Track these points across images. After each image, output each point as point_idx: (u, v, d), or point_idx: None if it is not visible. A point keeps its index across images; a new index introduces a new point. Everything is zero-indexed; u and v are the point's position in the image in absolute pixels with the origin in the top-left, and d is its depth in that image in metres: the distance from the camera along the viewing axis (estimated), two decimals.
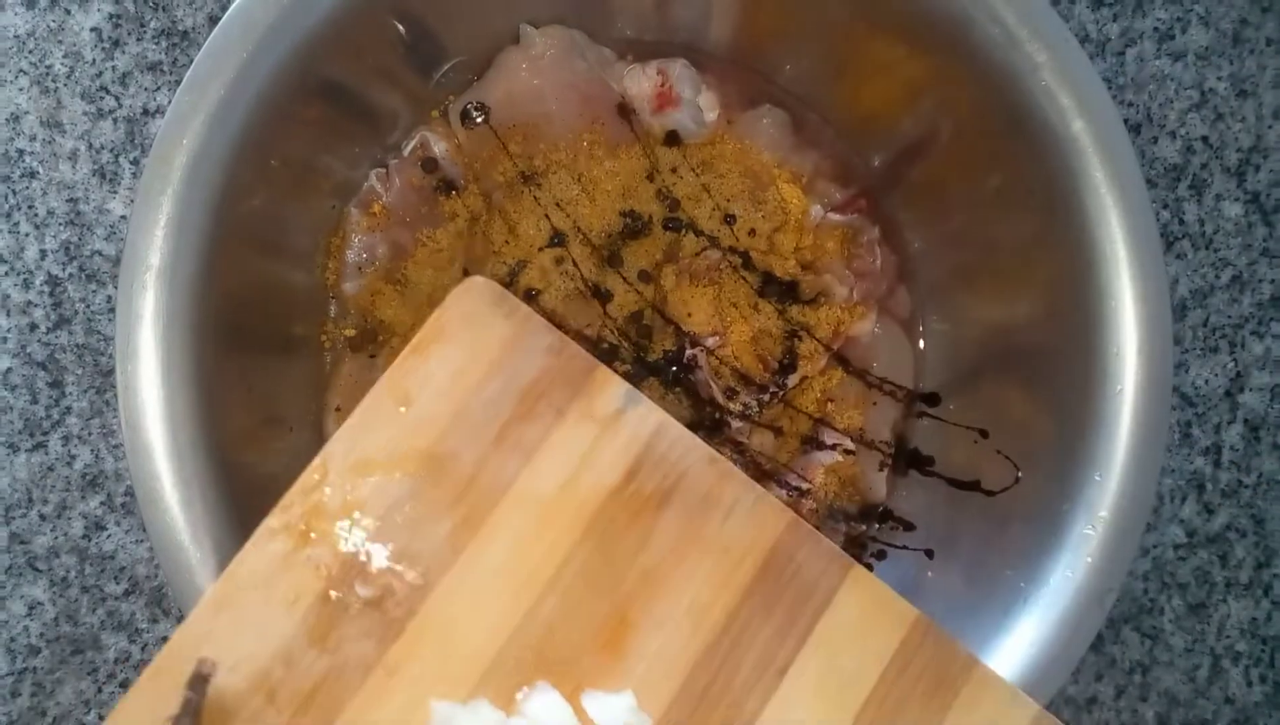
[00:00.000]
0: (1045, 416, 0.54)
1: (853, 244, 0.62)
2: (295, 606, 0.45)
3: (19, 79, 0.61)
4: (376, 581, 0.45)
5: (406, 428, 0.47)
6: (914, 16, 0.52)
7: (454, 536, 0.46)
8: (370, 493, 0.46)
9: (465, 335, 0.48)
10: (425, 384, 0.47)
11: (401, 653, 0.45)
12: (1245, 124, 0.66)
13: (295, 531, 0.45)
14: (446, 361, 0.47)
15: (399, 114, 0.59)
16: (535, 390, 0.47)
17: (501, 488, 0.47)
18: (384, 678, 0.45)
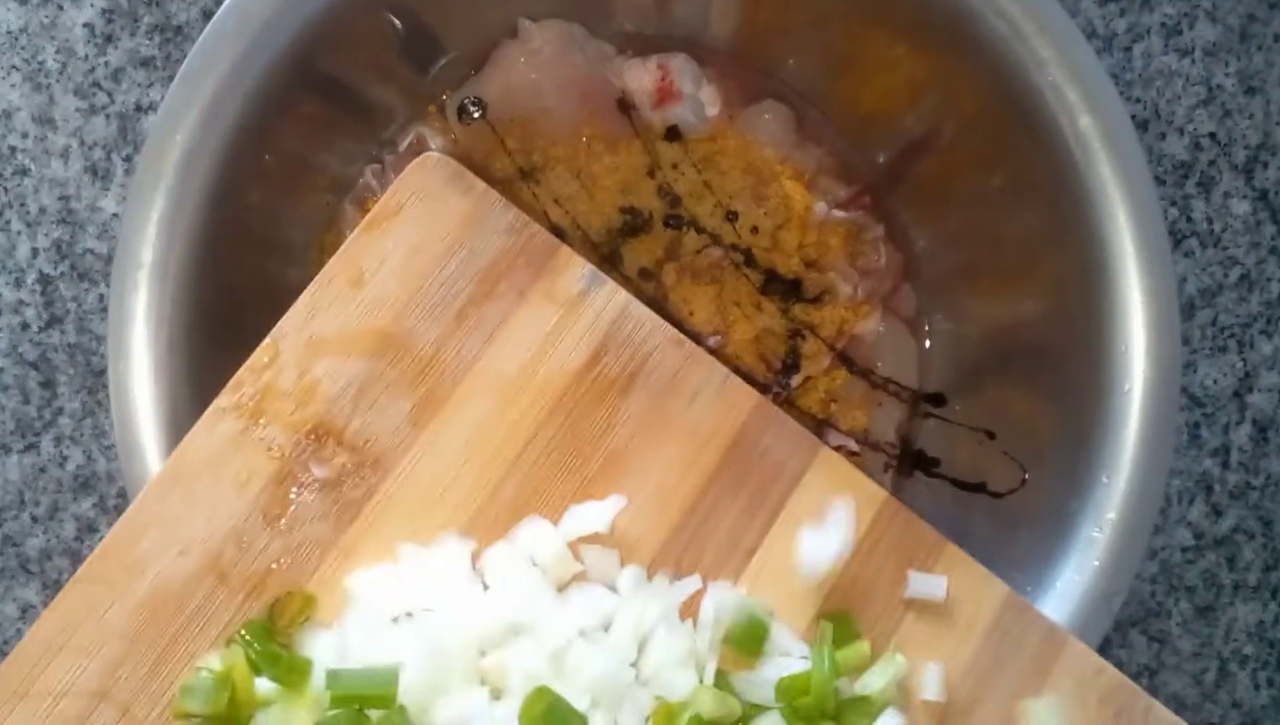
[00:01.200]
0: (1052, 417, 0.53)
1: (857, 241, 0.62)
2: (247, 487, 0.45)
3: (10, 75, 0.60)
4: (332, 462, 0.45)
5: (361, 307, 0.47)
6: (917, 11, 0.52)
7: (414, 416, 0.46)
8: (324, 372, 0.46)
9: (421, 212, 0.47)
10: (380, 262, 0.47)
11: (358, 535, 0.45)
12: (1253, 120, 0.65)
13: (246, 411, 0.45)
14: (402, 239, 0.47)
15: (395, 109, 0.59)
16: (496, 270, 0.48)
17: (463, 368, 0.47)
18: (340, 560, 0.44)
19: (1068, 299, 0.52)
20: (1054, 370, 0.53)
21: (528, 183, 0.59)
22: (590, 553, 0.45)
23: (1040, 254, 0.53)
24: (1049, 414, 0.54)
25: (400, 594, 0.44)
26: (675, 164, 0.60)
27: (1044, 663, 0.46)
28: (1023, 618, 0.47)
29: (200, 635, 0.44)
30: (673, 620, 0.45)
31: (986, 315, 0.59)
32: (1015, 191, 0.54)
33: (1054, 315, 0.53)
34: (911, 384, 0.62)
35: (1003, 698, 0.46)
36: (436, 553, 0.45)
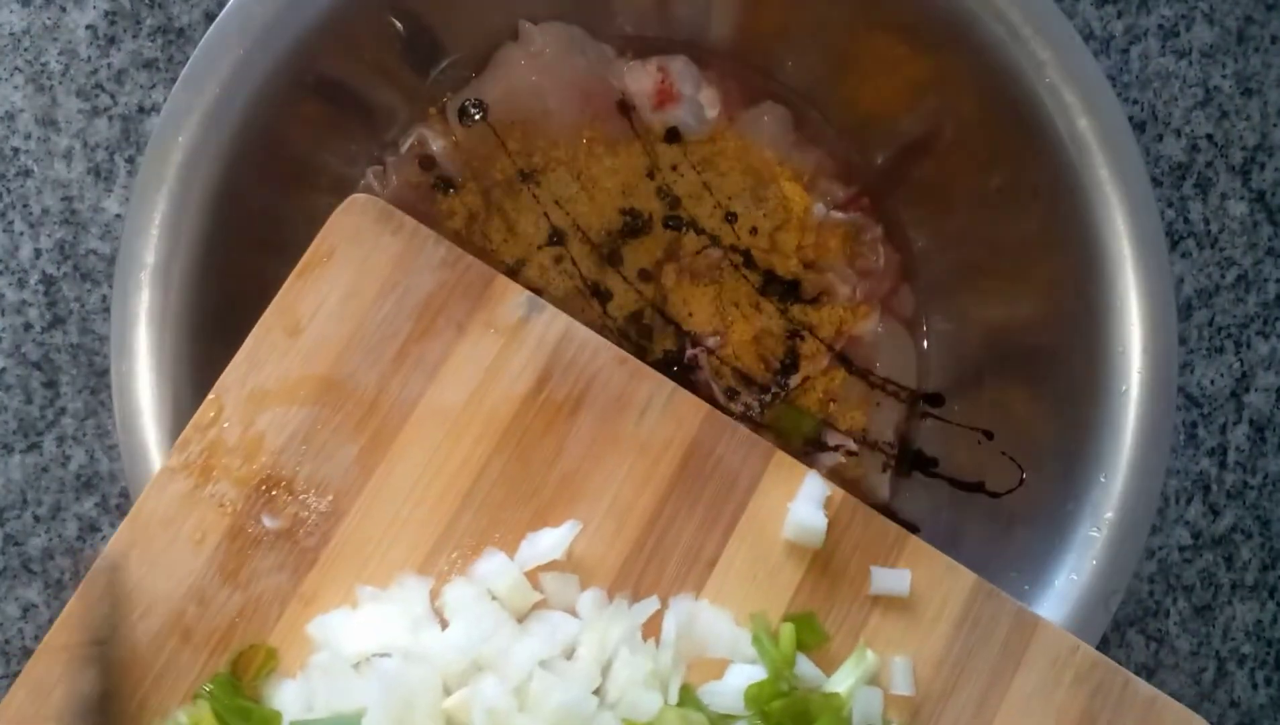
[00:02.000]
0: (1049, 417, 0.53)
1: (855, 242, 0.62)
2: (203, 544, 0.45)
3: (14, 76, 0.60)
4: (285, 512, 0.45)
5: (300, 355, 0.47)
6: (916, 13, 0.52)
7: (362, 459, 0.46)
8: (269, 424, 0.46)
9: (353, 255, 0.47)
10: (316, 309, 0.47)
11: (317, 581, 0.45)
12: (1250, 122, 0.65)
13: (195, 469, 0.45)
14: (336, 284, 0.47)
15: (396, 111, 0.59)
16: (433, 305, 0.47)
17: (407, 406, 0.47)
18: (300, 608, 0.45)
19: (1065, 299, 0.52)
20: (1052, 370, 0.53)
21: (528, 184, 0.60)
22: (549, 580, 0.45)
23: (1038, 255, 0.54)
24: (1047, 414, 0.54)
25: (361, 637, 0.44)
26: (675, 165, 0.61)
27: (1016, 647, 0.46)
28: (991, 604, 0.47)
29: (169, 695, 0.44)
30: (635, 641, 0.44)
31: (985, 316, 0.59)
32: (1013, 193, 0.54)
33: (1052, 316, 0.53)
34: (910, 384, 0.62)
35: (978, 685, 0.46)
36: (395, 594, 0.45)
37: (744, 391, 0.60)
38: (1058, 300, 0.53)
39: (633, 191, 0.60)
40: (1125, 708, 0.46)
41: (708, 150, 0.61)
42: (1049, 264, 0.53)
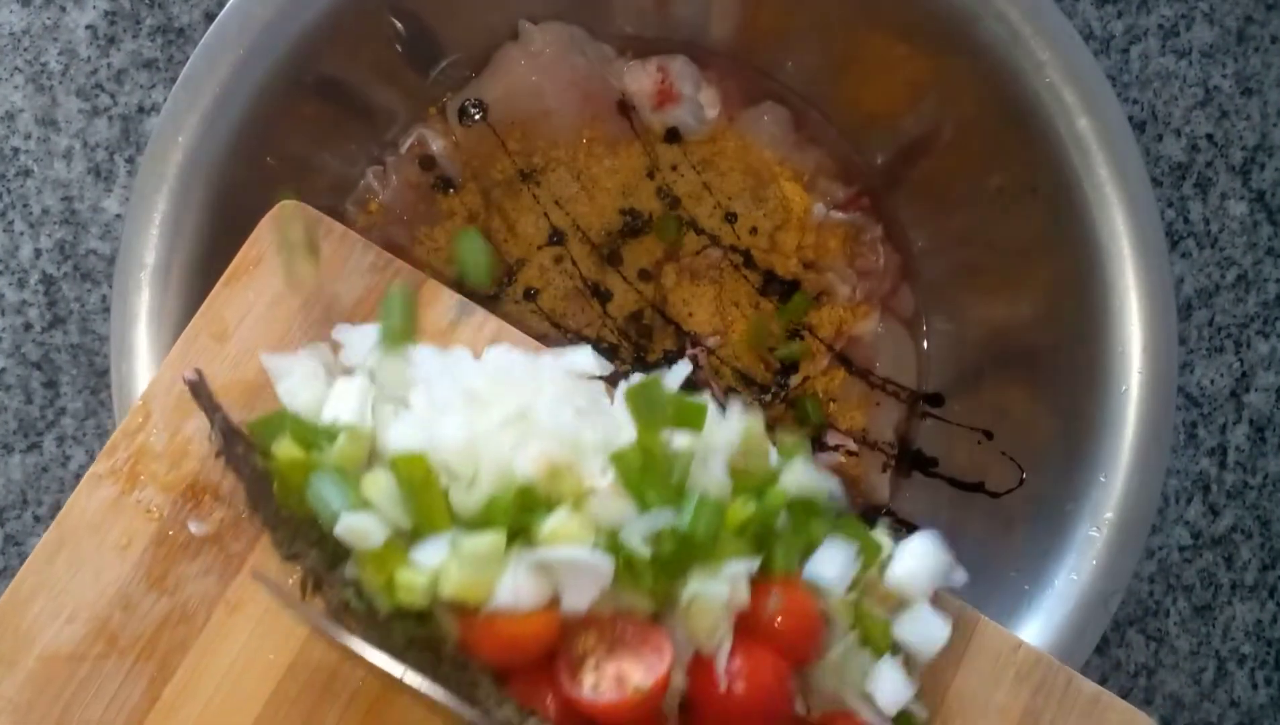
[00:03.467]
0: (1049, 417, 0.53)
1: (855, 242, 0.62)
2: (129, 550, 0.44)
3: (13, 76, 0.60)
4: (211, 518, 0.45)
5: (228, 361, 0.46)
6: (916, 13, 0.52)
7: None
8: (196, 430, 0.45)
9: (280, 261, 0.47)
10: (244, 314, 0.46)
11: (244, 587, 0.44)
12: (1250, 122, 0.65)
13: (122, 475, 0.45)
14: (264, 290, 0.47)
15: (396, 111, 0.59)
16: (361, 310, 0.47)
17: None
18: (227, 613, 0.44)
19: (1065, 299, 0.52)
20: (1052, 370, 0.54)
21: (528, 184, 0.60)
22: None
23: (1038, 255, 0.54)
24: (1047, 414, 0.54)
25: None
26: (675, 165, 0.61)
27: (956, 645, 0.45)
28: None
29: (93, 702, 0.43)
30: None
31: (985, 315, 0.59)
32: (1013, 193, 0.54)
33: (1051, 315, 0.53)
34: (910, 384, 0.62)
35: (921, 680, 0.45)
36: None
37: (744, 391, 0.60)
38: (1058, 300, 0.53)
39: (633, 191, 0.60)
40: (1069, 705, 0.45)
41: (708, 150, 0.61)
42: (1049, 264, 0.53)
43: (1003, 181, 0.54)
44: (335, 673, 0.44)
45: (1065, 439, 0.51)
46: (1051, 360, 0.53)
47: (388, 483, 0.39)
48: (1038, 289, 0.54)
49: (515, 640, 0.38)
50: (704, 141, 0.61)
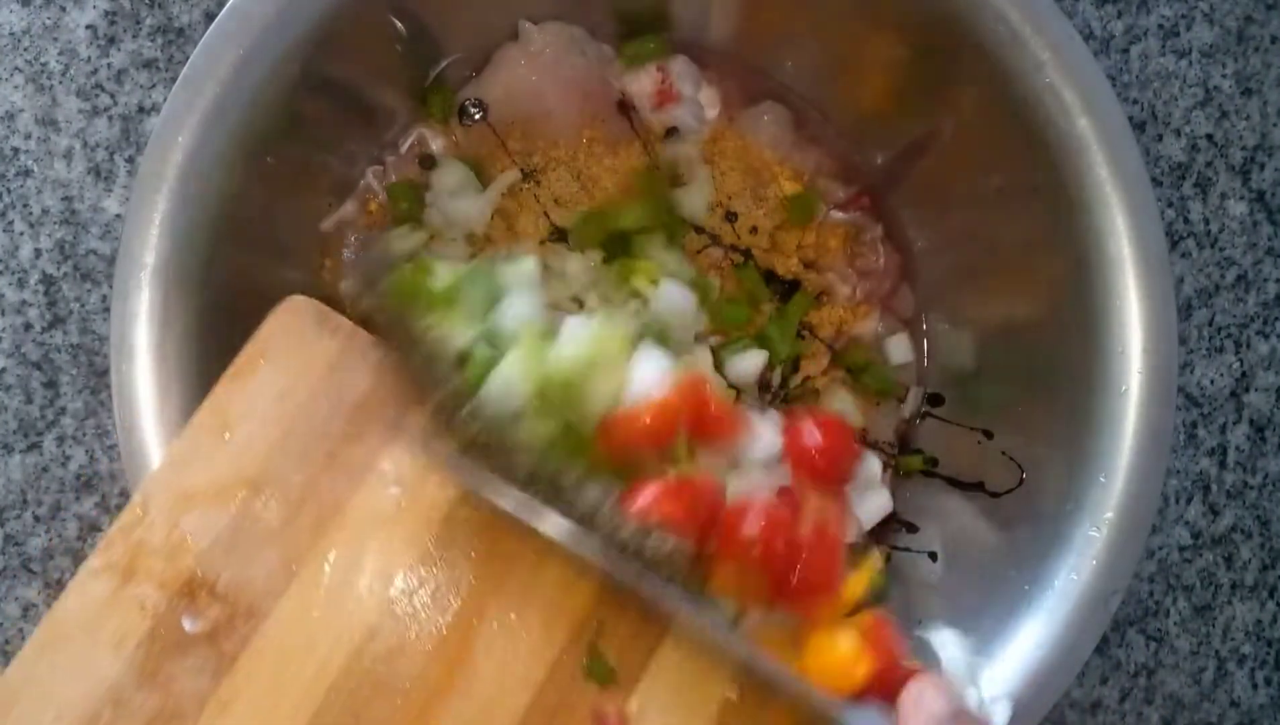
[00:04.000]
0: (1049, 417, 0.53)
1: (855, 242, 0.62)
2: (122, 646, 0.44)
3: (13, 76, 0.60)
4: (206, 615, 0.44)
5: (230, 456, 0.46)
6: (916, 14, 0.52)
7: (285, 563, 0.45)
8: (195, 525, 0.45)
9: (288, 356, 0.47)
10: (249, 410, 0.46)
11: (236, 685, 0.44)
12: (1250, 122, 0.65)
13: (118, 570, 0.44)
14: (269, 385, 0.46)
15: (396, 111, 0.59)
16: (365, 410, 0.46)
17: (334, 509, 0.45)
18: (218, 712, 0.44)
19: (1065, 299, 0.52)
20: (1052, 370, 0.53)
21: (528, 184, 0.60)
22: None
23: (1038, 255, 0.54)
24: (1047, 414, 0.54)
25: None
26: (675, 165, 0.60)
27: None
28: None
29: None
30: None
31: (985, 316, 0.59)
32: (1013, 193, 0.54)
33: (1052, 315, 0.53)
34: (910, 384, 0.62)
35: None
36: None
37: (744, 391, 0.60)
38: (1058, 300, 0.53)
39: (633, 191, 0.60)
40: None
41: (708, 150, 0.61)
42: (1049, 264, 0.53)
43: (1002, 181, 0.54)
44: None
45: (1065, 439, 0.51)
46: (1051, 360, 0.53)
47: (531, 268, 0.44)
48: (1038, 289, 0.54)
49: (649, 429, 0.43)
50: (704, 141, 0.61)
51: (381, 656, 0.45)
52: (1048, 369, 0.54)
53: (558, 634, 0.45)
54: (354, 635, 0.45)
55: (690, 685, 0.45)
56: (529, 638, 0.45)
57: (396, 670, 0.45)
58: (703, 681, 0.45)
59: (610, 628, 0.46)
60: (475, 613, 0.45)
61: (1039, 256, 0.54)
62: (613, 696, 0.45)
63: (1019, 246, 0.55)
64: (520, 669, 0.45)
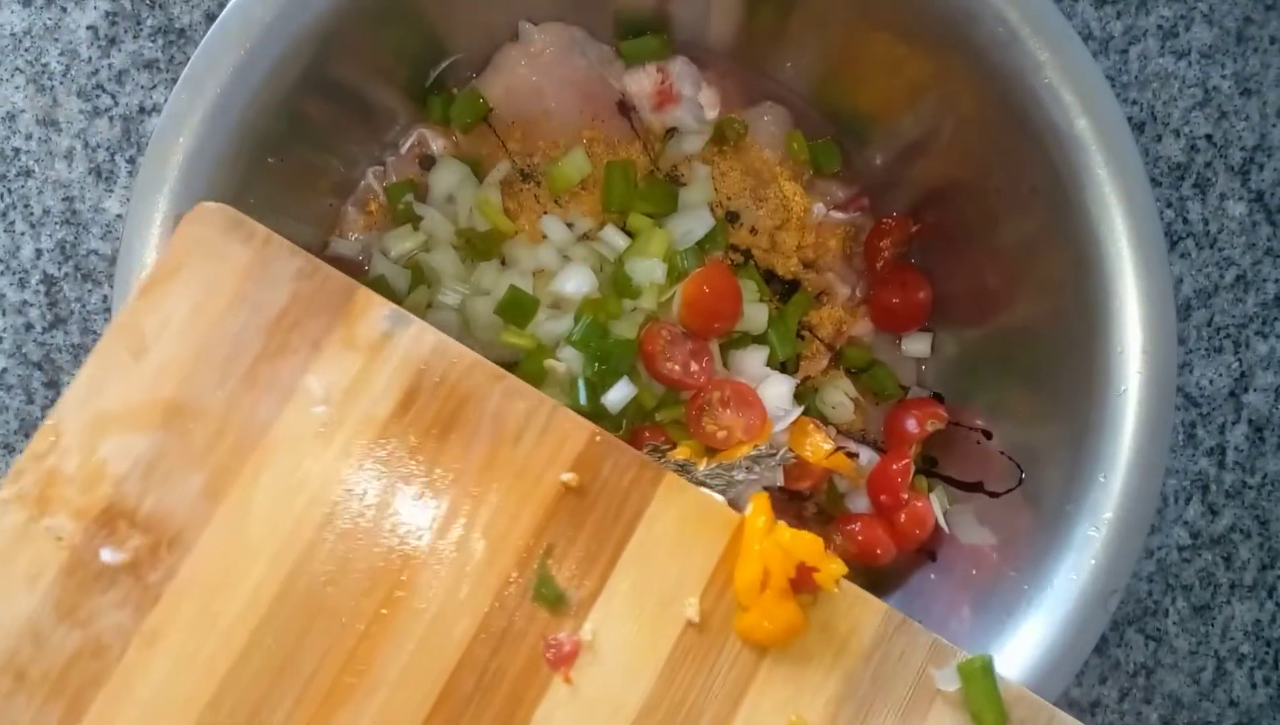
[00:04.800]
0: (1048, 417, 0.53)
1: (855, 242, 0.62)
2: (38, 581, 0.42)
3: (14, 77, 0.60)
4: (126, 545, 0.42)
5: (145, 377, 0.43)
6: (916, 14, 0.52)
7: (210, 489, 0.43)
8: (112, 452, 0.43)
9: (201, 268, 0.44)
10: (161, 327, 0.44)
11: (162, 619, 0.42)
12: (1249, 122, 0.65)
13: (30, 500, 0.42)
14: (182, 299, 0.44)
15: (397, 111, 0.59)
16: (286, 321, 0.44)
17: (258, 432, 0.43)
18: (143, 647, 0.42)
19: (1064, 300, 0.52)
20: (1051, 370, 0.53)
21: (528, 184, 0.60)
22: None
23: (1037, 255, 0.54)
24: (1046, 414, 0.54)
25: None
26: (675, 165, 0.61)
27: (930, 681, 0.44)
28: (904, 636, 0.44)
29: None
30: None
31: (983, 316, 0.59)
32: (1012, 193, 0.54)
33: (1050, 316, 0.53)
34: (909, 384, 0.62)
35: (891, 718, 0.43)
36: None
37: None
38: (1056, 300, 0.53)
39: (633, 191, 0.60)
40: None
41: (708, 150, 0.61)
42: (1048, 264, 0.53)
43: (1001, 182, 0.54)
44: (260, 705, 0.42)
45: (1064, 439, 0.51)
46: (1050, 360, 0.53)
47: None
48: (1036, 289, 0.54)
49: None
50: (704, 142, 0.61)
51: (316, 585, 0.43)
52: (1047, 369, 0.54)
53: (504, 557, 0.43)
54: (286, 563, 0.43)
55: (648, 610, 0.43)
56: (474, 561, 0.43)
57: (332, 599, 0.43)
58: (662, 605, 0.43)
59: (560, 551, 0.44)
60: (415, 535, 0.43)
61: (1038, 257, 0.53)
62: (564, 622, 0.43)
63: (1018, 247, 0.55)
64: (464, 594, 0.43)
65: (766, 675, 0.43)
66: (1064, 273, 0.51)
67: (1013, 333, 0.57)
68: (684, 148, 0.60)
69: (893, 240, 0.61)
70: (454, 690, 0.42)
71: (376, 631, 0.42)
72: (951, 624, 0.53)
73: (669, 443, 0.56)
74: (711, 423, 0.55)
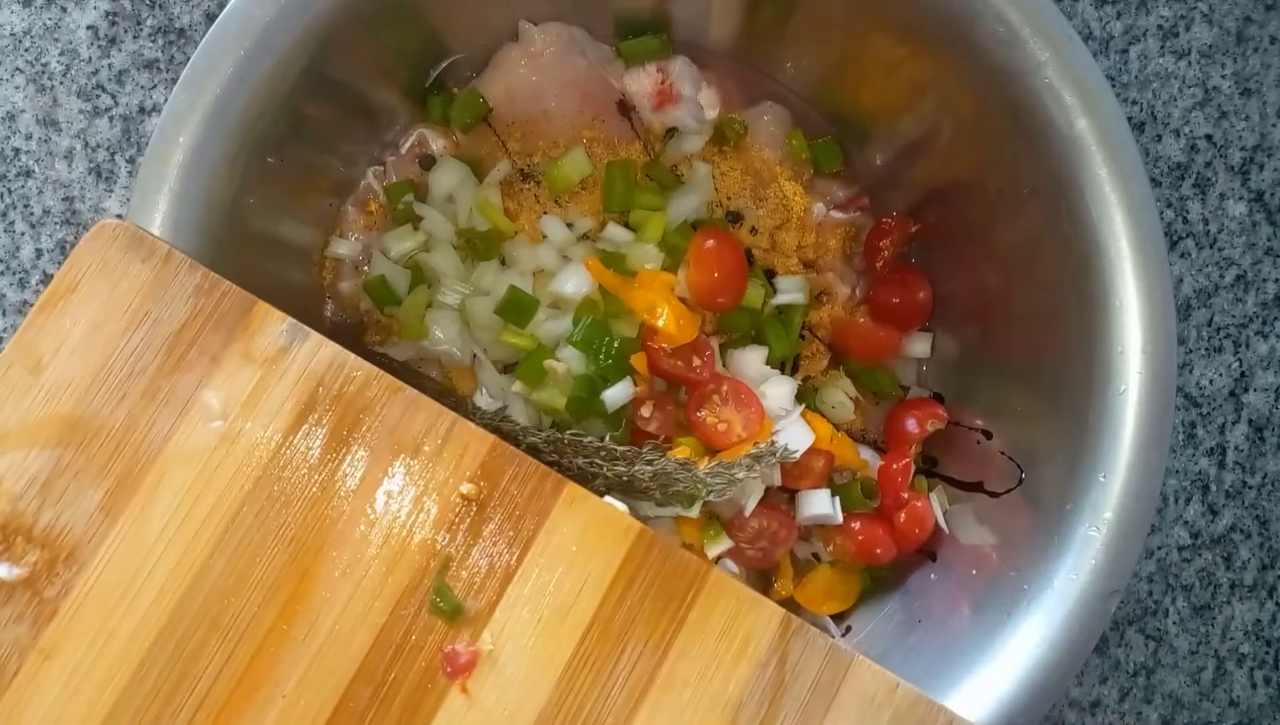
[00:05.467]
0: (1049, 417, 0.53)
1: (855, 242, 0.62)
2: None
3: (15, 77, 0.60)
4: (23, 561, 0.43)
5: (41, 394, 0.44)
6: (916, 14, 0.52)
7: (107, 504, 0.43)
8: (6, 468, 0.43)
9: (101, 286, 0.45)
10: (59, 344, 0.44)
11: (59, 635, 0.42)
12: (1249, 122, 0.65)
13: None
14: (81, 317, 0.44)
15: (397, 111, 0.59)
16: (185, 337, 0.45)
17: (155, 446, 0.44)
18: (39, 663, 0.42)
19: (1064, 299, 0.52)
20: (1051, 370, 0.53)
21: (528, 184, 0.60)
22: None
23: (1037, 255, 0.54)
24: (1046, 414, 0.54)
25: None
26: (675, 166, 0.61)
27: (827, 686, 0.44)
28: (800, 641, 0.44)
29: None
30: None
31: (983, 316, 0.59)
32: (1012, 193, 0.54)
33: (1051, 315, 0.53)
34: (909, 384, 0.62)
35: (788, 723, 0.43)
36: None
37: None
38: (1057, 300, 0.53)
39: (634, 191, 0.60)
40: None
41: (708, 150, 0.61)
42: (1048, 264, 0.53)
43: (1002, 182, 0.54)
44: (158, 719, 0.42)
45: (1064, 439, 0.51)
46: (1051, 360, 0.53)
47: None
48: (1037, 289, 0.54)
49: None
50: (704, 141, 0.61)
51: (213, 599, 0.43)
52: (1047, 369, 0.54)
53: (402, 570, 0.44)
54: (183, 577, 0.43)
55: (547, 619, 0.44)
56: (371, 574, 0.44)
57: (229, 613, 0.43)
58: (560, 614, 0.44)
59: (459, 562, 0.44)
60: (312, 552, 0.44)
61: (1038, 256, 0.54)
62: (462, 632, 0.44)
63: (1018, 246, 0.55)
64: (360, 608, 0.43)
65: (664, 681, 0.44)
66: (1064, 273, 0.51)
67: (1013, 333, 0.57)
68: (684, 148, 0.60)
69: (893, 240, 0.61)
70: (350, 702, 0.43)
71: (273, 644, 0.43)
72: (951, 624, 0.53)
73: (668, 442, 0.56)
74: (711, 416, 0.55)
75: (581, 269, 0.57)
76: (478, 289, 0.58)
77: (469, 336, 0.58)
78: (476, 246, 0.58)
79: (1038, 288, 0.54)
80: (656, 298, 0.56)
